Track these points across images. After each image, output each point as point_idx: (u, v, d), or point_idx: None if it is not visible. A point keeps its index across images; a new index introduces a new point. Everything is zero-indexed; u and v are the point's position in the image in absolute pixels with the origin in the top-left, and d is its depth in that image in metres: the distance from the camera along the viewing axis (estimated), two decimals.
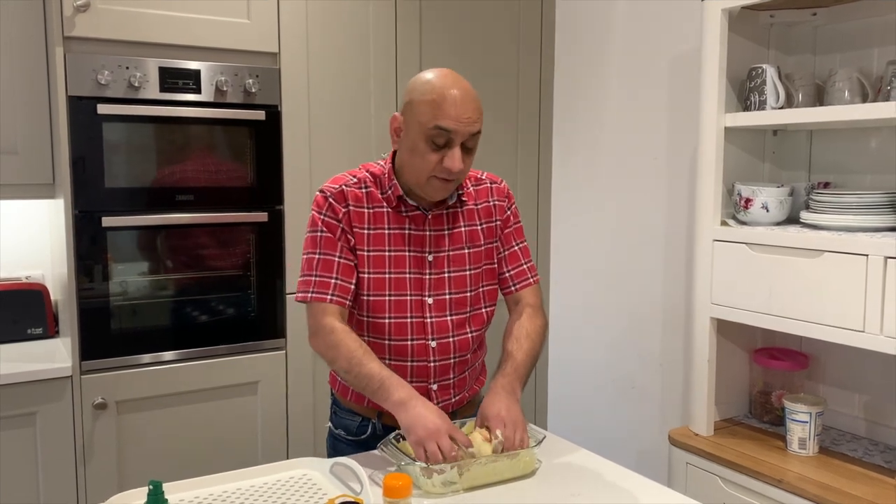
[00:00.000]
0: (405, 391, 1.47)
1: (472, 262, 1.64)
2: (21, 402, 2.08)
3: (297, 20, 2.40)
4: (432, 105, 1.46)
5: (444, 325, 1.61)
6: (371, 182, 1.60)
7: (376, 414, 1.64)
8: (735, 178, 2.08)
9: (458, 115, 1.46)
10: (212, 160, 2.32)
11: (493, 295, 1.70)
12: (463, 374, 1.67)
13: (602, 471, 1.53)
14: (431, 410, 1.44)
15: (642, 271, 2.65)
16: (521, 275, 1.70)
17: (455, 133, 1.47)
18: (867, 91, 1.90)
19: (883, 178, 1.99)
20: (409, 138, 1.51)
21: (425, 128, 1.47)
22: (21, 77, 2.22)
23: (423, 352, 1.60)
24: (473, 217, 1.65)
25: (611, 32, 2.71)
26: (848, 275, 1.72)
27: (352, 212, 1.57)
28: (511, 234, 1.71)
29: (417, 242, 1.60)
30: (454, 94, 1.46)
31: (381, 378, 1.48)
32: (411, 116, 1.50)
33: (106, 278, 2.20)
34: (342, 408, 1.71)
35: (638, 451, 2.70)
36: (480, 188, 1.68)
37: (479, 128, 1.50)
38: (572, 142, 2.90)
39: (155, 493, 1.20)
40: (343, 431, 1.70)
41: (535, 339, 1.64)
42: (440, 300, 1.61)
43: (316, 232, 1.57)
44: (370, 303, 1.58)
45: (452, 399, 1.66)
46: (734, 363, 2.18)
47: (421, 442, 1.40)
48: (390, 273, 1.58)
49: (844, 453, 1.95)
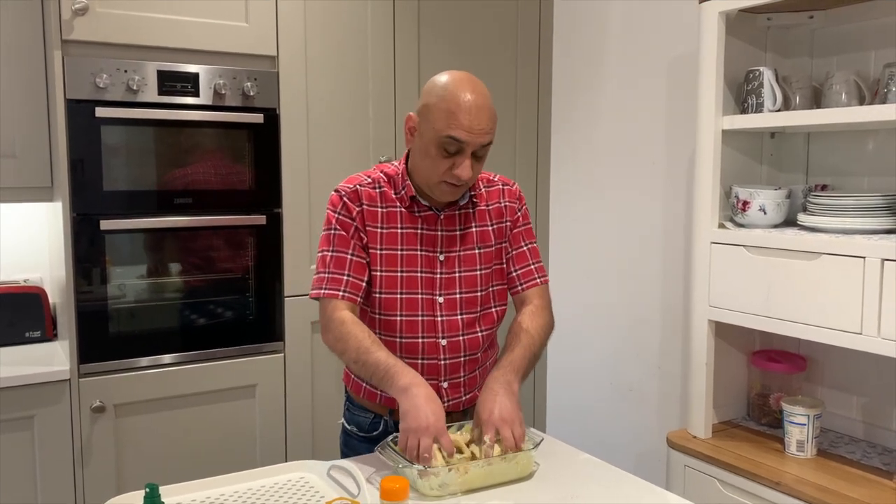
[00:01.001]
0: (410, 377, 1.47)
1: (483, 263, 1.66)
2: (19, 405, 2.08)
3: (295, 24, 2.40)
4: (447, 114, 1.48)
5: (454, 324, 1.63)
6: (385, 182, 1.63)
7: (388, 411, 1.66)
8: (733, 180, 2.08)
9: (472, 125, 1.48)
10: (210, 163, 2.32)
11: (503, 294, 1.72)
12: (473, 373, 1.69)
13: (600, 473, 1.53)
14: (430, 404, 1.43)
15: (640, 274, 2.65)
16: (528, 275, 1.72)
17: (467, 144, 1.50)
18: (864, 94, 1.90)
19: (880, 180, 1.99)
20: (423, 142, 1.54)
21: (438, 135, 1.49)
22: (19, 80, 2.23)
23: (433, 349, 1.62)
24: (485, 218, 1.68)
25: (608, 35, 2.72)
26: (845, 277, 1.72)
27: (365, 211, 1.59)
28: (520, 234, 1.72)
29: (429, 242, 1.62)
30: (469, 105, 1.48)
31: (387, 365, 1.49)
32: (426, 121, 1.52)
33: (104, 281, 2.20)
34: (355, 404, 1.73)
35: (636, 453, 2.70)
36: (492, 189, 1.71)
37: (490, 139, 1.53)
38: (570, 144, 2.91)
39: (151, 496, 1.20)
40: (356, 428, 1.72)
41: (535, 335, 1.64)
42: (451, 299, 1.63)
43: (330, 230, 1.60)
44: (382, 300, 1.61)
45: (463, 397, 1.68)
46: (732, 366, 2.18)
47: (406, 432, 1.42)
48: (402, 271, 1.60)
49: (842, 455, 1.95)
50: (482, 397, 1.52)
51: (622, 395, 2.76)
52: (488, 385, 1.54)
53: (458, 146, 1.49)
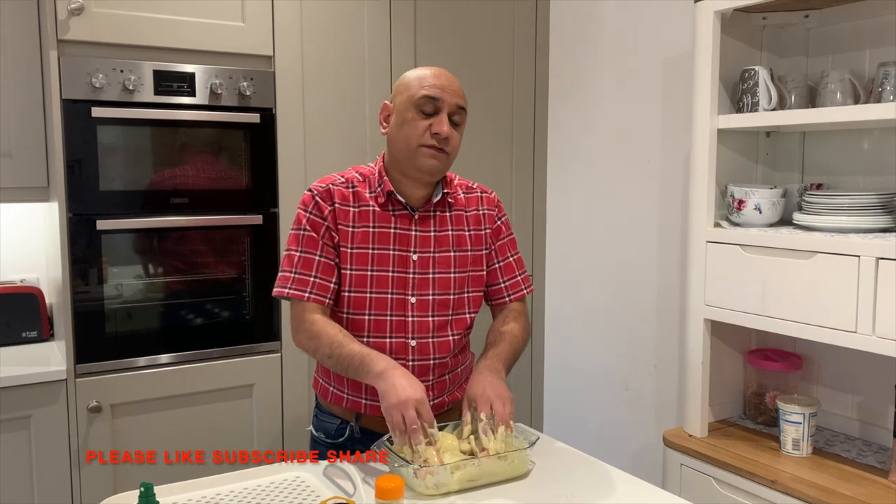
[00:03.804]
0: (385, 362, 1.48)
1: (458, 266, 1.66)
2: (16, 405, 2.08)
3: (291, 23, 2.40)
4: (418, 79, 1.57)
5: (425, 325, 1.63)
6: (359, 181, 1.64)
7: (354, 416, 1.66)
8: (728, 179, 2.09)
9: (443, 84, 1.56)
10: (206, 163, 2.32)
11: (478, 302, 1.72)
12: (442, 378, 1.68)
13: (596, 472, 1.53)
14: (407, 379, 1.44)
15: (636, 273, 2.65)
16: (515, 286, 1.75)
17: (441, 101, 1.55)
18: (859, 93, 1.91)
19: (875, 179, 1.99)
20: (399, 113, 1.59)
21: (413, 98, 1.56)
22: (15, 80, 2.23)
23: (402, 350, 1.62)
24: (462, 223, 1.68)
25: (604, 34, 2.72)
26: (840, 276, 1.73)
27: (337, 209, 1.60)
28: (505, 245, 1.74)
29: (402, 241, 1.62)
30: (437, 72, 1.59)
31: (361, 355, 1.50)
32: (399, 95, 1.59)
33: (101, 281, 2.20)
34: (323, 411, 1.73)
35: (632, 452, 2.70)
36: (471, 196, 1.72)
37: (464, 103, 1.59)
38: (566, 143, 2.91)
39: (146, 495, 1.20)
40: (323, 434, 1.72)
41: (519, 336, 1.69)
42: (423, 300, 1.63)
43: (300, 230, 1.61)
44: (351, 299, 1.61)
45: (431, 402, 1.66)
46: (728, 364, 2.18)
47: (388, 411, 1.42)
48: (372, 270, 1.61)
49: (838, 454, 1.95)
50: (472, 380, 1.55)
51: (618, 394, 2.76)
52: (477, 369, 1.58)
53: (434, 105, 1.55)
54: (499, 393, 1.50)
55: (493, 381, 1.52)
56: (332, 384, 1.69)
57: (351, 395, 1.65)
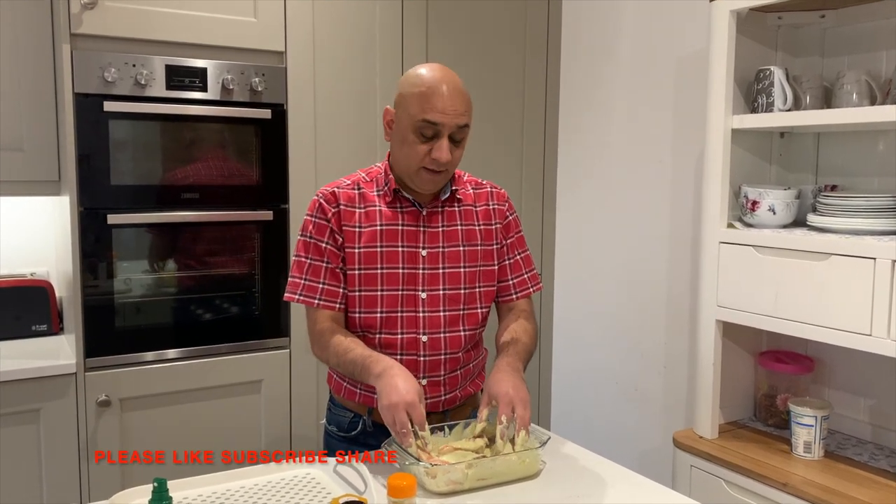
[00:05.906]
0: (385, 363, 1.49)
1: (468, 260, 1.66)
2: (25, 398, 2.08)
3: (303, 19, 2.40)
4: (421, 98, 1.51)
5: (436, 321, 1.63)
6: (365, 182, 1.64)
7: (367, 410, 1.66)
8: (742, 180, 2.07)
9: (445, 107, 1.50)
10: (217, 158, 2.32)
11: (490, 297, 1.72)
12: (454, 373, 1.68)
13: (606, 472, 1.53)
14: (403, 380, 1.44)
15: (647, 273, 2.64)
16: (522, 284, 1.75)
17: (442, 126, 1.52)
18: (875, 93, 1.89)
19: (891, 180, 1.98)
20: (400, 130, 1.56)
21: (414, 120, 1.52)
22: (27, 74, 2.23)
23: (413, 345, 1.62)
24: (472, 217, 1.68)
25: (617, 33, 2.71)
26: (855, 278, 1.72)
27: (342, 211, 1.60)
28: (514, 243, 1.74)
29: (411, 237, 1.62)
30: (442, 88, 1.51)
31: (363, 357, 1.52)
32: (402, 109, 1.55)
33: (111, 275, 2.20)
34: (336, 404, 1.74)
35: (641, 453, 2.69)
36: (480, 192, 1.72)
37: (466, 121, 1.55)
38: (578, 143, 2.90)
39: (159, 490, 1.20)
40: (335, 428, 1.73)
41: (532, 335, 1.70)
42: (434, 295, 1.63)
43: (306, 236, 1.63)
44: (362, 298, 1.61)
45: (443, 397, 1.67)
46: (739, 366, 2.17)
47: (382, 412, 1.43)
48: (382, 268, 1.61)
49: (850, 457, 1.94)
50: (494, 377, 1.54)
51: (628, 395, 2.75)
52: (498, 367, 1.56)
53: (434, 129, 1.52)
54: (522, 396, 1.49)
55: (516, 382, 1.51)
56: (344, 379, 1.69)
57: (363, 390, 1.65)
